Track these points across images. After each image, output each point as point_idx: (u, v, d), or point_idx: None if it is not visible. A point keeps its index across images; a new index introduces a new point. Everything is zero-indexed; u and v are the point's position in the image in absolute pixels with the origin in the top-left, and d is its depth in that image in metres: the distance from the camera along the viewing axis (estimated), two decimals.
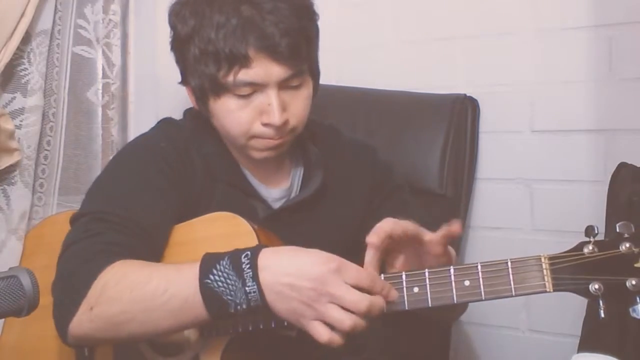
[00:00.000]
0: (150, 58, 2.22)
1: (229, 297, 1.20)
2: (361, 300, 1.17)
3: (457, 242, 2.03)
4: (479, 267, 1.21)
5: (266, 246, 1.25)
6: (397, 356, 1.68)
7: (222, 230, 1.40)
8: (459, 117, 2.08)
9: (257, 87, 1.40)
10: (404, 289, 1.24)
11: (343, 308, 1.17)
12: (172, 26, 1.47)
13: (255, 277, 1.19)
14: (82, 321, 1.28)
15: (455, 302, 1.22)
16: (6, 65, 1.88)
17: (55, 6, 1.99)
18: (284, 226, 1.48)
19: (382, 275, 1.26)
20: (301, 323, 1.20)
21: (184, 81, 1.50)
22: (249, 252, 1.22)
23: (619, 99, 1.94)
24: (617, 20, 1.93)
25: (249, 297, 1.20)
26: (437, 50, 2.19)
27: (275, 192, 1.57)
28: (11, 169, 1.94)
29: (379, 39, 2.28)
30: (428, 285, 1.23)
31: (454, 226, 1.25)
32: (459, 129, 2.08)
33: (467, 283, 1.21)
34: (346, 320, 1.17)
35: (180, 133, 1.53)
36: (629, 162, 1.83)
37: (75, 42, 2.09)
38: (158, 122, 1.60)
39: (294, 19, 1.39)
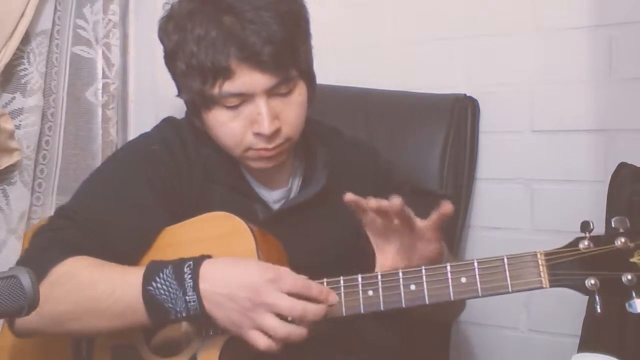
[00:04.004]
0: (150, 58, 2.22)
1: (170, 305, 1.24)
2: (294, 307, 1.21)
3: (456, 241, 2.04)
4: (476, 263, 1.22)
5: (209, 256, 1.28)
6: (397, 356, 1.67)
7: (218, 230, 1.40)
8: (459, 117, 2.08)
9: (244, 98, 1.39)
10: (401, 286, 1.25)
11: (279, 316, 1.22)
12: (161, 41, 1.48)
13: (195, 287, 1.23)
14: (30, 317, 1.30)
15: (452, 298, 1.23)
16: (6, 65, 1.89)
17: (55, 6, 1.99)
18: (284, 228, 1.47)
19: (379, 273, 1.27)
20: (240, 332, 1.25)
21: (179, 94, 1.51)
22: (191, 262, 1.26)
23: (619, 99, 1.94)
24: (617, 20, 1.93)
25: (189, 306, 1.24)
26: (437, 50, 2.19)
27: (275, 193, 1.56)
28: (11, 168, 1.94)
29: (379, 38, 2.27)
30: (425, 283, 1.24)
31: (445, 207, 1.26)
32: (459, 129, 2.07)
33: (463, 280, 1.22)
34: (280, 328, 1.22)
35: (180, 133, 1.53)
36: (629, 162, 1.82)
37: (74, 42, 2.10)
38: (161, 121, 1.60)
39: (277, 26, 1.37)
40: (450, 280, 1.22)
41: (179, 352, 1.39)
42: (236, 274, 1.24)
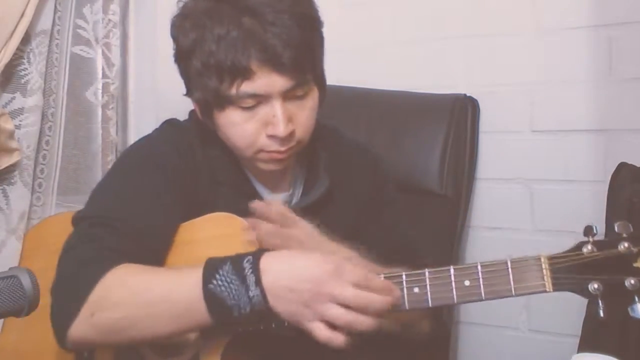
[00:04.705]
0: (150, 58, 2.22)
1: (233, 302, 1.21)
2: (359, 295, 1.19)
3: (456, 241, 2.04)
4: (479, 267, 1.21)
5: (267, 250, 1.26)
6: (397, 356, 1.67)
7: (221, 230, 1.40)
8: (459, 117, 2.08)
9: (261, 99, 1.38)
10: (404, 289, 1.25)
11: (343, 306, 1.19)
12: (174, 38, 1.45)
13: (258, 282, 1.20)
14: (83, 326, 1.28)
15: (455, 302, 1.23)
16: (6, 65, 1.88)
17: (55, 6, 1.98)
18: None
19: (382, 275, 1.27)
20: (302, 324, 1.21)
21: (189, 93, 1.49)
22: (250, 257, 1.22)
23: (619, 99, 1.95)
24: (617, 20, 1.94)
25: (253, 302, 1.21)
26: (437, 50, 2.19)
27: (279, 197, 1.56)
28: (11, 169, 1.93)
29: (379, 39, 2.28)
30: (428, 286, 1.24)
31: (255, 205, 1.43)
32: (459, 129, 2.08)
33: (467, 283, 1.22)
34: (344, 315, 1.18)
35: (184, 135, 1.52)
36: (629, 162, 1.83)
37: (74, 42, 2.09)
38: (162, 124, 1.59)
39: (297, 29, 1.36)
40: (453, 283, 1.22)
41: (181, 352, 1.39)
42: (297, 266, 1.22)
